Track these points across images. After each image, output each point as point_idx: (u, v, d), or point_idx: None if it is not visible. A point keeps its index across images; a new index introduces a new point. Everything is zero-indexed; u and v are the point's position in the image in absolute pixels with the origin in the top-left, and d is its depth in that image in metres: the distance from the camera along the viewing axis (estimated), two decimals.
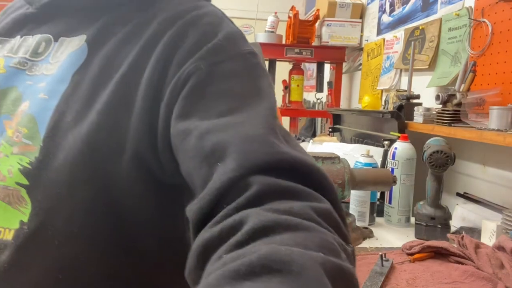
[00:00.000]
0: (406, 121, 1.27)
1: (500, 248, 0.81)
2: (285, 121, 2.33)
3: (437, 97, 1.13)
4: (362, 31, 2.15)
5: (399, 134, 1.17)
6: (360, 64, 2.18)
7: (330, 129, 1.92)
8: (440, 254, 0.85)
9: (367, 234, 1.01)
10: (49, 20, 0.57)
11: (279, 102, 2.55)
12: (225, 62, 0.45)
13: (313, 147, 1.54)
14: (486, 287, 0.72)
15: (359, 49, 2.18)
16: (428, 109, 1.19)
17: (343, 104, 2.32)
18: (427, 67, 1.47)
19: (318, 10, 2.13)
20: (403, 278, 0.77)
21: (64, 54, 0.52)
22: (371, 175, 0.99)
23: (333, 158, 0.97)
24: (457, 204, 1.12)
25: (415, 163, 1.10)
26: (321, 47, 2.18)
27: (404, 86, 1.70)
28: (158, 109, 0.44)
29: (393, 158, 1.10)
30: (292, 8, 2.13)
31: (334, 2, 2.08)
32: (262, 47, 2.04)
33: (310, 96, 2.84)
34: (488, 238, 0.90)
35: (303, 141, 1.85)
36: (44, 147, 0.45)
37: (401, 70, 1.72)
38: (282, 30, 2.30)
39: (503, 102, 1.05)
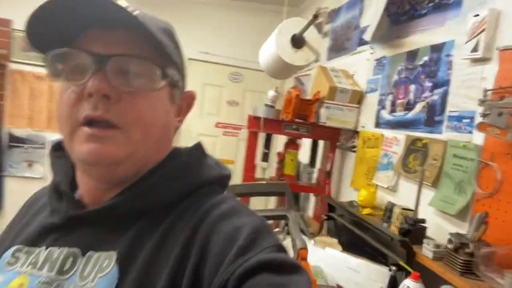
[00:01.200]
0: (413, 248, 1.31)
1: None
2: None
3: (450, 241, 1.18)
4: (359, 116, 2.22)
5: (410, 270, 1.20)
6: (354, 146, 2.24)
7: (325, 217, 1.94)
8: None
9: None
10: (76, 229, 0.56)
11: (272, 173, 2.56)
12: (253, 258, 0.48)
13: (315, 250, 1.55)
14: None
15: (354, 131, 2.24)
16: (438, 246, 1.24)
17: (334, 185, 2.36)
18: (430, 184, 1.53)
19: (319, 92, 2.18)
20: None
21: (93, 277, 0.51)
22: None
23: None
24: None
25: None
26: (318, 125, 2.22)
27: (401, 189, 1.76)
28: None
29: None
30: (295, 88, 2.16)
31: (335, 87, 2.13)
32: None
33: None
34: None
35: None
36: None
37: (399, 174, 1.78)
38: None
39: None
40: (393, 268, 1.31)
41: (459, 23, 1.49)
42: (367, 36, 1.83)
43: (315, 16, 1.48)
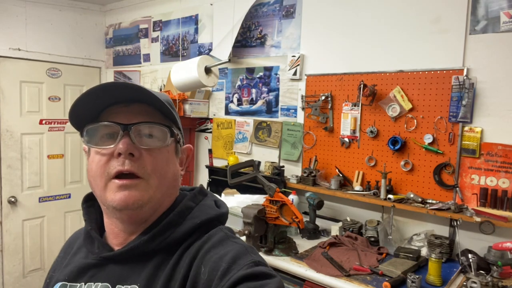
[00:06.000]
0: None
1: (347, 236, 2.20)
2: None
3: (304, 172, 2.45)
4: (209, 107, 3.20)
5: (290, 191, 2.41)
6: (207, 129, 3.23)
7: (209, 180, 2.90)
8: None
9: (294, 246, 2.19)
10: (107, 267, 0.70)
11: None
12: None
13: (226, 198, 2.51)
14: (353, 252, 2.08)
15: (207, 118, 3.22)
16: (297, 176, 2.49)
17: (202, 157, 3.29)
18: (276, 146, 2.77)
19: (169, 91, 3.00)
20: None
21: None
22: None
23: None
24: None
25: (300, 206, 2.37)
26: (184, 117, 3.06)
27: (255, 153, 2.93)
28: None
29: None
30: (169, 92, 2.89)
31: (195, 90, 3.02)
32: None
33: None
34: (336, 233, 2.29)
35: None
36: None
37: (252, 143, 2.94)
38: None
39: (327, 174, 2.49)
40: None
41: (281, 57, 2.72)
42: (223, 56, 2.80)
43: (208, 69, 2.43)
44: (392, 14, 2.24)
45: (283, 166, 2.65)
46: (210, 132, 3.22)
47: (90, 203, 0.79)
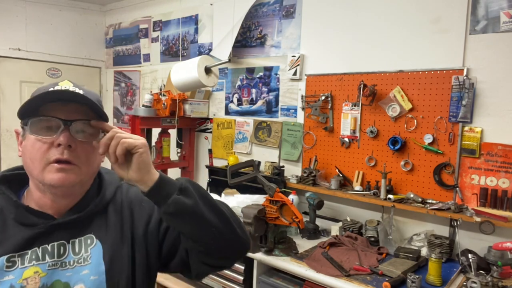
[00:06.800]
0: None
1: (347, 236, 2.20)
2: None
3: (304, 172, 2.45)
4: (209, 107, 3.20)
5: (290, 190, 2.41)
6: (208, 129, 3.22)
7: (209, 180, 2.90)
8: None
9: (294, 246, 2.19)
10: (55, 231, 0.86)
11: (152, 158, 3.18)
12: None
13: (226, 198, 2.51)
14: (353, 252, 2.08)
15: (207, 118, 3.22)
16: (297, 176, 2.49)
17: (202, 158, 3.29)
18: (276, 146, 2.77)
19: (169, 91, 2.99)
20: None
21: (85, 250, 0.86)
22: None
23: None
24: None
25: (301, 206, 2.37)
26: (184, 117, 3.06)
27: (254, 152, 2.93)
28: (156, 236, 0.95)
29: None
30: (169, 92, 2.89)
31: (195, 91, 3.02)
32: (141, 119, 2.75)
33: None
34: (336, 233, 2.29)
35: None
36: None
37: (252, 143, 2.93)
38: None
39: (328, 175, 2.49)
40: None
41: (281, 57, 2.72)
42: (223, 56, 2.79)
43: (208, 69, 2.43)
44: (392, 13, 2.24)
45: (283, 166, 2.65)
46: (210, 132, 3.22)
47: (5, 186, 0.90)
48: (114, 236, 0.90)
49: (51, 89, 0.83)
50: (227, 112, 3.10)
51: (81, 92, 0.84)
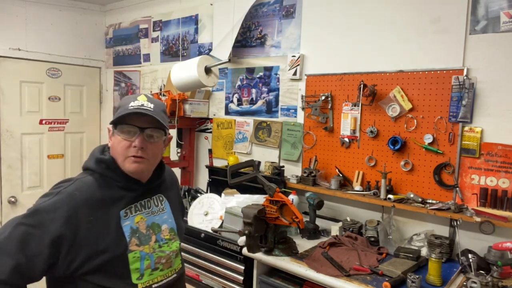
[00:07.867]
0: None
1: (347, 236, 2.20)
2: None
3: (304, 172, 2.44)
4: (209, 107, 3.20)
5: (290, 191, 2.41)
6: (208, 129, 3.22)
7: (209, 180, 2.89)
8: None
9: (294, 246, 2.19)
10: (144, 193, 1.30)
11: None
12: None
13: (227, 198, 2.51)
14: (353, 252, 2.08)
15: (207, 118, 3.22)
16: (297, 176, 2.49)
17: (202, 157, 3.29)
18: (276, 146, 2.77)
19: (169, 91, 2.98)
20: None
21: (161, 203, 1.34)
22: None
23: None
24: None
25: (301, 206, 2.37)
26: (184, 117, 3.06)
27: (254, 152, 2.93)
28: None
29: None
30: (169, 92, 2.89)
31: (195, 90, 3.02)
32: None
33: None
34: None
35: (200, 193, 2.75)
36: (180, 239, 1.38)
37: (252, 143, 2.93)
38: None
39: (328, 175, 2.49)
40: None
41: (281, 57, 2.72)
42: (223, 56, 2.79)
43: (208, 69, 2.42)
44: (392, 14, 2.24)
45: (283, 166, 2.65)
46: (210, 132, 3.22)
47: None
48: (170, 196, 1.39)
49: (132, 103, 1.20)
50: (227, 112, 3.10)
51: (151, 106, 1.21)
